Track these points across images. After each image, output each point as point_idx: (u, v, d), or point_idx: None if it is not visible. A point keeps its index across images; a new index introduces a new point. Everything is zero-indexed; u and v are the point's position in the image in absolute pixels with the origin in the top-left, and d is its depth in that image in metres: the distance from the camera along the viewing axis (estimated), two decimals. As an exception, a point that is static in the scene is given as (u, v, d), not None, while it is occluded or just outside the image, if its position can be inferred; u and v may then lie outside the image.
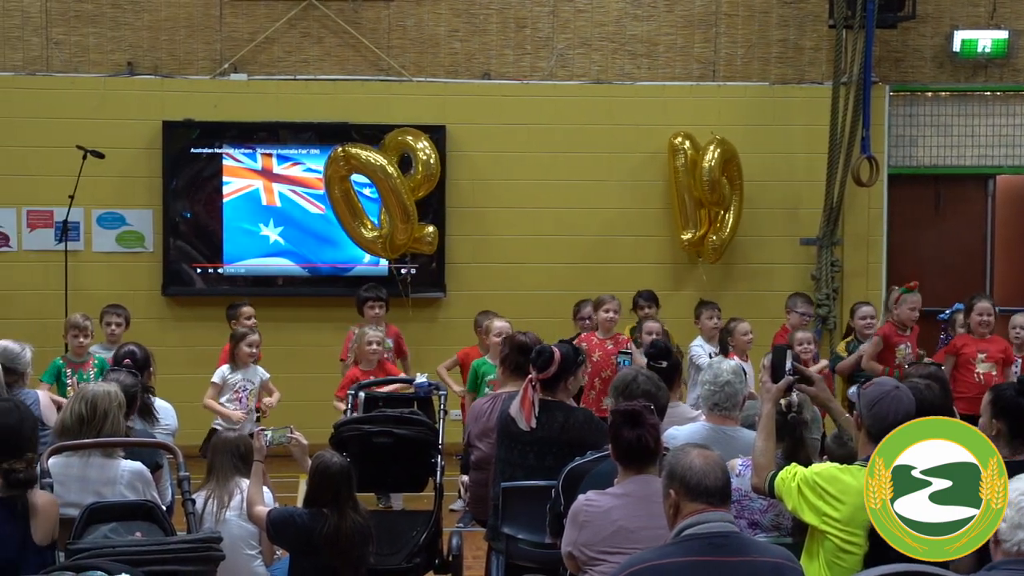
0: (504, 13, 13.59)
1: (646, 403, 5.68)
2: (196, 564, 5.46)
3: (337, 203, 12.64)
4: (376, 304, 11.17)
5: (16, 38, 13.08)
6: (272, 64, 13.38)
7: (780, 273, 13.58)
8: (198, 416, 10.31)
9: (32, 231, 13.05)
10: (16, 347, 7.79)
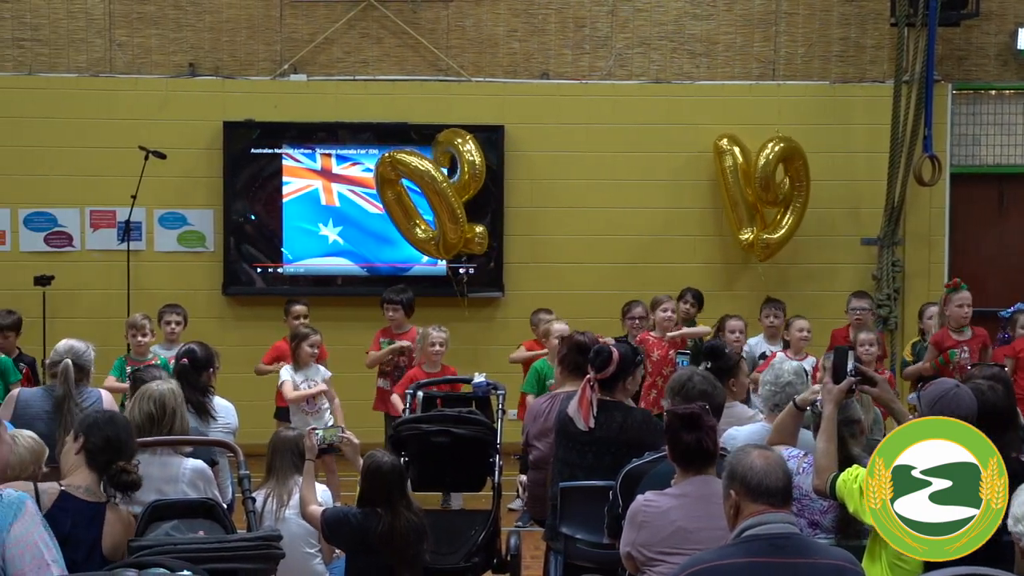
0: (563, 13, 13.57)
1: (702, 404, 5.67)
2: (256, 562, 5.48)
3: (390, 205, 12.69)
4: (391, 307, 11.14)
5: (80, 40, 13.21)
6: (331, 65, 13.43)
7: (841, 273, 13.48)
8: (258, 415, 10.39)
9: (95, 231, 13.17)
10: (81, 345, 7.86)
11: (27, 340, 10.95)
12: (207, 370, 8.08)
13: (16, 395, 7.76)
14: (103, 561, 5.44)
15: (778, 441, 5.98)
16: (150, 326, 10.22)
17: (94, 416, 5.75)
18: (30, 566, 4.47)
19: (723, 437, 6.76)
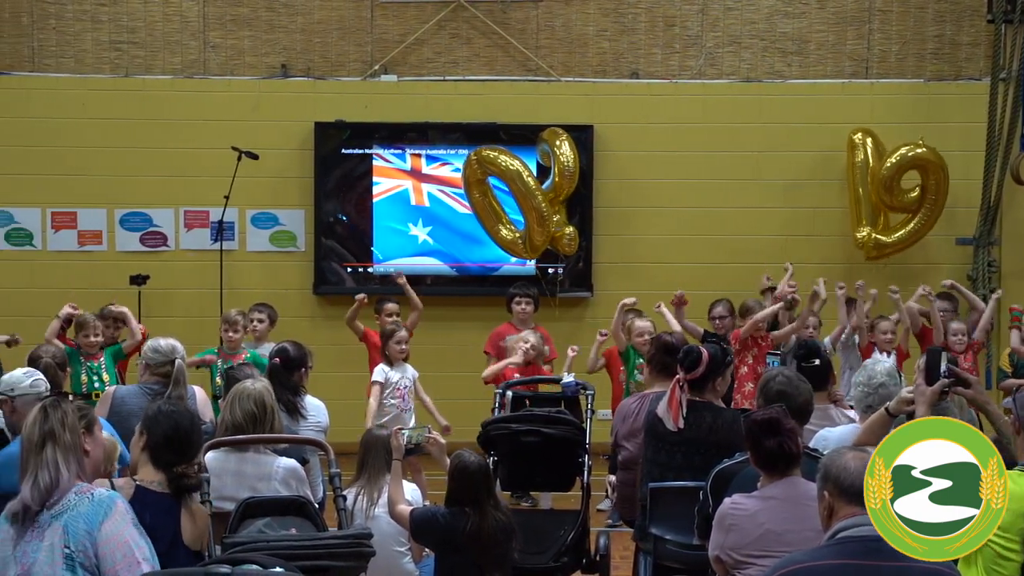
0: (653, 12, 13.53)
1: (781, 406, 5.62)
2: (347, 560, 5.51)
3: (477, 205, 12.72)
4: (523, 300, 11.21)
5: (175, 42, 13.39)
6: (422, 65, 13.49)
7: (936, 273, 13.27)
8: (348, 413, 10.45)
9: (189, 231, 13.34)
10: (180, 344, 7.95)
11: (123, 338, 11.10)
12: (299, 370, 8.14)
13: (112, 392, 7.86)
14: (186, 552, 5.50)
15: (866, 442, 5.90)
16: (243, 323, 10.36)
17: (156, 411, 5.80)
18: (121, 564, 4.52)
19: (815, 438, 6.71)
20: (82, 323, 10.35)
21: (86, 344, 10.25)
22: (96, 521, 4.54)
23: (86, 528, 4.52)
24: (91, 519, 4.55)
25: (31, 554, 4.46)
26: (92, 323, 10.36)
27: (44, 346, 8.40)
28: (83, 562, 4.49)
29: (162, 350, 7.76)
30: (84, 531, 4.51)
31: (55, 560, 4.46)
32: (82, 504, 4.55)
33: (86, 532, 4.51)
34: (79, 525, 4.51)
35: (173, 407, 5.93)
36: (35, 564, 4.45)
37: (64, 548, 4.47)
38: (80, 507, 4.54)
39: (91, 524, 4.54)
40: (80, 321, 10.36)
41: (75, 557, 4.47)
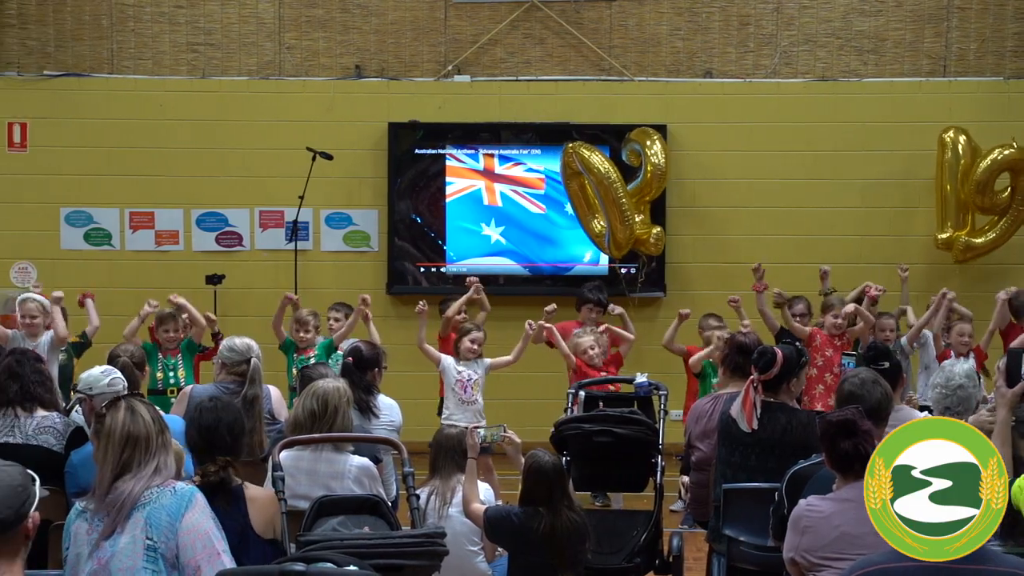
0: (727, 11, 13.46)
1: (856, 407, 5.57)
2: (421, 559, 5.52)
3: (574, 196, 12.74)
4: (596, 310, 11.19)
5: (251, 43, 13.51)
6: (495, 65, 13.52)
7: (1017, 275, 13.10)
8: (422, 412, 10.51)
9: (264, 231, 13.45)
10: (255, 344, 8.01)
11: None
12: (372, 369, 8.18)
13: (189, 392, 7.94)
14: (260, 542, 5.54)
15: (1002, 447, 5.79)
16: (315, 322, 10.45)
17: (199, 404, 5.89)
18: (202, 555, 4.56)
19: (890, 441, 6.64)
20: (162, 318, 10.51)
21: (166, 339, 10.41)
22: (178, 512, 4.59)
23: (168, 519, 4.57)
24: (173, 510, 4.59)
25: (109, 547, 4.51)
26: (171, 319, 10.52)
27: (123, 344, 8.49)
28: (164, 553, 4.53)
29: (237, 349, 7.82)
30: (166, 522, 4.56)
31: (136, 552, 4.50)
32: (164, 496, 4.60)
33: (168, 523, 4.56)
34: (161, 517, 4.56)
35: (215, 403, 5.99)
36: (114, 557, 4.49)
37: (146, 540, 4.51)
38: (162, 499, 4.59)
39: (173, 515, 4.58)
40: (160, 316, 10.52)
41: (157, 548, 4.52)
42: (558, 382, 10.74)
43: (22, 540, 3.80)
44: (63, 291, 10.81)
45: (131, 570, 4.47)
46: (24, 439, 6.67)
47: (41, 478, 4.01)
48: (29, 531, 3.81)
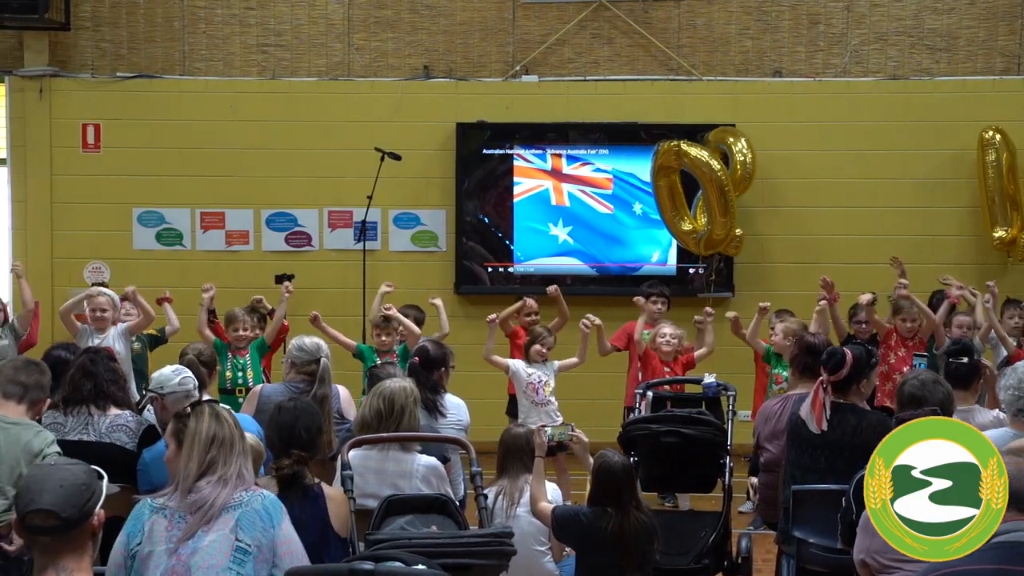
0: (796, 9, 13.38)
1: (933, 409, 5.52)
2: (489, 558, 5.54)
3: (660, 194, 12.68)
4: (659, 300, 11.18)
5: (320, 44, 13.59)
6: (563, 65, 13.51)
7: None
8: (489, 412, 10.52)
9: (333, 231, 13.52)
10: (324, 343, 8.07)
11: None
12: (439, 369, 8.20)
13: (259, 391, 8.00)
14: (338, 540, 5.59)
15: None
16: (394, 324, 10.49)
17: (280, 404, 5.97)
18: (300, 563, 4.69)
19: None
20: (231, 318, 10.62)
21: (235, 338, 10.50)
22: (275, 520, 4.68)
23: (262, 525, 4.64)
24: (267, 517, 4.67)
25: (191, 544, 4.56)
26: (241, 318, 10.62)
27: (194, 344, 8.57)
28: (257, 556, 4.59)
29: (307, 349, 7.87)
30: (261, 527, 4.63)
31: (223, 551, 4.55)
32: (255, 501, 4.67)
33: (262, 529, 4.63)
34: (255, 521, 4.62)
35: (295, 403, 6.06)
36: (196, 554, 4.54)
37: (236, 540, 4.57)
38: (253, 504, 4.66)
39: (267, 522, 4.65)
40: (230, 316, 10.63)
41: (249, 550, 4.57)
42: (626, 382, 10.72)
43: (88, 537, 3.86)
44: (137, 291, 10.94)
45: (214, 568, 4.52)
46: (98, 437, 6.76)
47: (114, 476, 4.06)
48: (95, 528, 3.86)
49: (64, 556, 3.78)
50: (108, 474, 4.02)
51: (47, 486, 3.81)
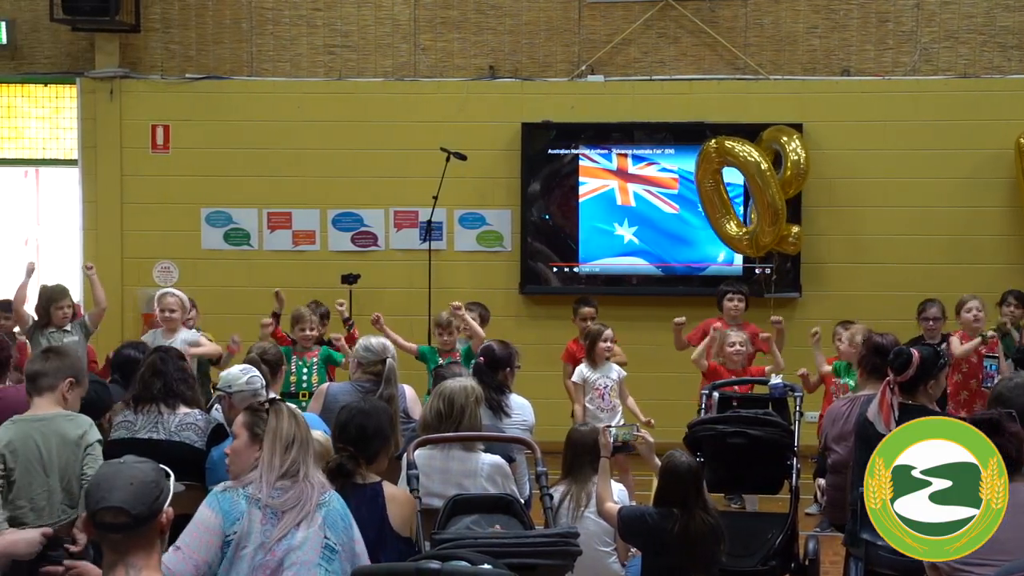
0: (865, 8, 13.26)
1: (1009, 411, 5.45)
2: (555, 558, 5.54)
3: (706, 196, 12.63)
4: (736, 297, 11.13)
5: (387, 45, 13.64)
6: (628, 65, 13.47)
7: None
8: (555, 412, 10.51)
9: (398, 231, 13.57)
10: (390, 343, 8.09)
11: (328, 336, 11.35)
12: (504, 369, 8.20)
13: (326, 389, 8.04)
14: (397, 539, 5.62)
15: None
16: (455, 323, 10.50)
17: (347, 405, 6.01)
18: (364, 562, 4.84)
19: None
20: (298, 317, 10.64)
21: (302, 338, 10.52)
22: (350, 519, 4.86)
23: (343, 524, 4.83)
24: (346, 516, 4.86)
25: (285, 541, 4.66)
26: (308, 317, 10.63)
27: (259, 343, 8.61)
28: (341, 554, 4.76)
29: (373, 349, 7.90)
30: (342, 527, 4.81)
31: (314, 548, 4.72)
32: (334, 500, 4.82)
33: (344, 528, 4.82)
34: (337, 520, 4.81)
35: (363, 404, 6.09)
36: (290, 551, 4.66)
37: (324, 538, 4.70)
38: (334, 503, 4.81)
39: (346, 521, 4.85)
40: (296, 315, 10.65)
41: (336, 548, 4.72)
42: (692, 382, 10.68)
43: (157, 534, 3.90)
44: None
45: (306, 565, 4.67)
46: (167, 435, 6.81)
47: (183, 474, 4.11)
48: (163, 526, 3.90)
49: (133, 553, 3.82)
50: (177, 472, 4.06)
51: (117, 483, 3.85)
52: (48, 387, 6.42)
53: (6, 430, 6.35)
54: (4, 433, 6.34)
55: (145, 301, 12.95)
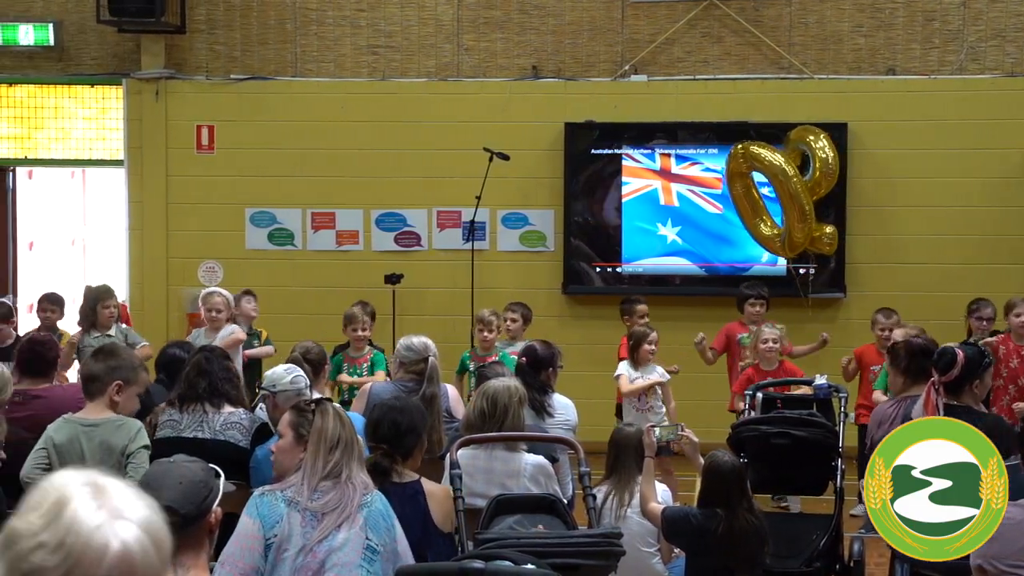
0: (911, 6, 13.17)
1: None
2: (598, 558, 5.54)
3: (738, 199, 12.62)
4: (757, 302, 11.10)
5: (430, 45, 13.66)
6: (672, 65, 13.44)
7: None
8: (598, 412, 10.50)
9: (441, 231, 13.59)
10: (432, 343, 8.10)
11: (378, 336, 11.39)
12: (546, 369, 8.20)
13: (369, 389, 8.06)
14: (440, 535, 5.63)
15: None
16: (496, 323, 10.48)
17: (379, 403, 6.02)
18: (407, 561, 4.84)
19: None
20: (350, 317, 10.59)
21: (354, 339, 10.48)
22: (392, 520, 4.86)
23: (385, 525, 4.83)
24: (388, 517, 4.86)
25: (327, 542, 4.67)
26: (360, 317, 10.59)
27: (302, 342, 8.61)
28: (383, 555, 4.76)
29: (415, 348, 7.91)
30: (384, 528, 4.82)
31: (356, 549, 4.71)
32: (376, 501, 4.81)
33: (386, 529, 4.83)
34: (379, 521, 4.80)
35: (395, 401, 6.11)
36: (332, 552, 4.67)
37: (366, 539, 4.70)
38: (376, 504, 4.81)
39: (388, 522, 4.84)
40: (348, 315, 10.61)
41: (377, 549, 4.72)
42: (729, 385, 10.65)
43: (205, 534, 3.93)
44: (250, 290, 11.07)
45: (348, 566, 4.66)
46: (212, 435, 6.85)
47: (228, 473, 4.12)
48: (212, 525, 3.93)
49: (182, 552, 3.85)
50: (222, 471, 4.08)
51: (167, 483, 3.88)
52: (97, 392, 6.46)
53: (57, 428, 6.40)
54: (54, 430, 6.40)
55: (190, 301, 13.02)
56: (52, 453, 6.34)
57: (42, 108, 13.90)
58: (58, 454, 6.33)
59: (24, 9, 13.76)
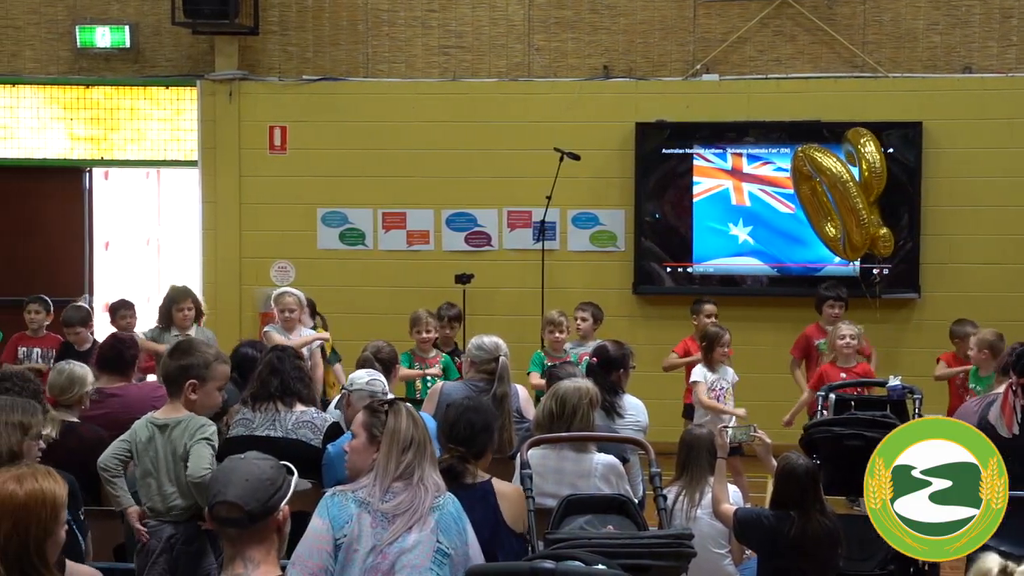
0: (988, 3, 13.01)
1: None
2: (669, 560, 5.51)
3: (805, 200, 12.55)
4: (836, 304, 11.01)
5: (501, 45, 13.68)
6: (744, 64, 13.37)
7: None
8: (667, 412, 10.46)
9: (512, 231, 13.60)
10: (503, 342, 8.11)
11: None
12: (617, 370, 8.18)
13: (439, 388, 8.08)
14: (512, 535, 5.63)
15: None
16: (567, 323, 10.46)
17: (452, 402, 6.03)
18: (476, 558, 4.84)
19: None
20: (416, 319, 10.59)
21: (420, 341, 10.49)
22: (464, 522, 4.85)
23: (456, 528, 4.81)
24: (460, 520, 4.85)
25: (398, 544, 4.67)
26: (425, 319, 10.59)
27: (374, 342, 8.64)
28: (454, 558, 4.74)
29: (486, 348, 7.92)
30: (456, 531, 4.80)
31: (426, 552, 4.69)
32: (449, 503, 4.81)
33: (457, 532, 4.80)
34: (451, 524, 4.78)
35: (469, 401, 6.12)
36: (402, 554, 4.66)
37: (437, 542, 4.70)
38: (448, 506, 4.81)
39: (460, 525, 4.83)
40: (414, 317, 10.61)
41: (448, 553, 4.71)
42: (807, 385, 10.57)
43: (273, 531, 3.94)
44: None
45: (418, 568, 4.65)
46: (284, 433, 6.88)
47: (299, 472, 4.14)
48: (280, 523, 3.94)
49: (250, 548, 3.88)
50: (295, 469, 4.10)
51: (233, 479, 3.91)
52: (174, 392, 6.51)
53: (141, 427, 6.44)
54: (139, 428, 6.45)
55: (263, 300, 13.11)
56: (133, 448, 6.41)
57: (118, 109, 14.05)
58: (137, 452, 6.40)
59: (101, 12, 13.93)
